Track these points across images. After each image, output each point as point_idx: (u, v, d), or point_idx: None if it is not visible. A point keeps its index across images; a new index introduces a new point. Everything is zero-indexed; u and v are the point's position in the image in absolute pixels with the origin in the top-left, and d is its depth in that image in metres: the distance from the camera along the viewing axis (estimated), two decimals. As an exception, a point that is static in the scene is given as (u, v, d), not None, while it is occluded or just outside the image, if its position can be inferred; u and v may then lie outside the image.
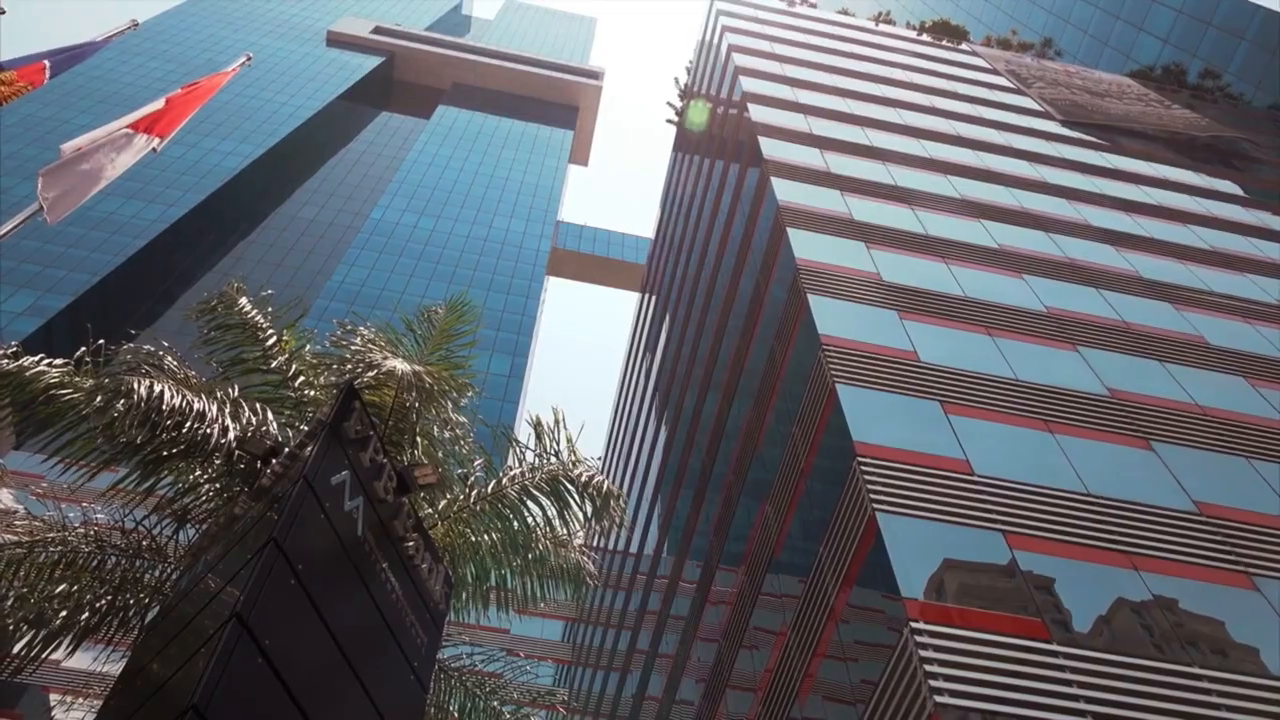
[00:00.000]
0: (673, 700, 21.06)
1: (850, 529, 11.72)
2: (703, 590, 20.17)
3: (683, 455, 27.10)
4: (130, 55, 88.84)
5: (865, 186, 22.19)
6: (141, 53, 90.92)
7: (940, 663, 9.15)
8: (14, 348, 10.06)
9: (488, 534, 11.42)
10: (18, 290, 56.71)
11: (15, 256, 57.60)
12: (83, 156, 10.40)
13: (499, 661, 12.46)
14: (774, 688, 13.52)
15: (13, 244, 55.27)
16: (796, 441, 14.95)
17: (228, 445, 9.21)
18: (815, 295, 16.16)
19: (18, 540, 9.96)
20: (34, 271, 58.60)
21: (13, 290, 56.40)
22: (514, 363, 60.25)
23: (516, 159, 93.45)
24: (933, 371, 14.42)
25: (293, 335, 11.77)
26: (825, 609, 12.23)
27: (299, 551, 5.47)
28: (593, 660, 36.33)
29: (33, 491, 13.05)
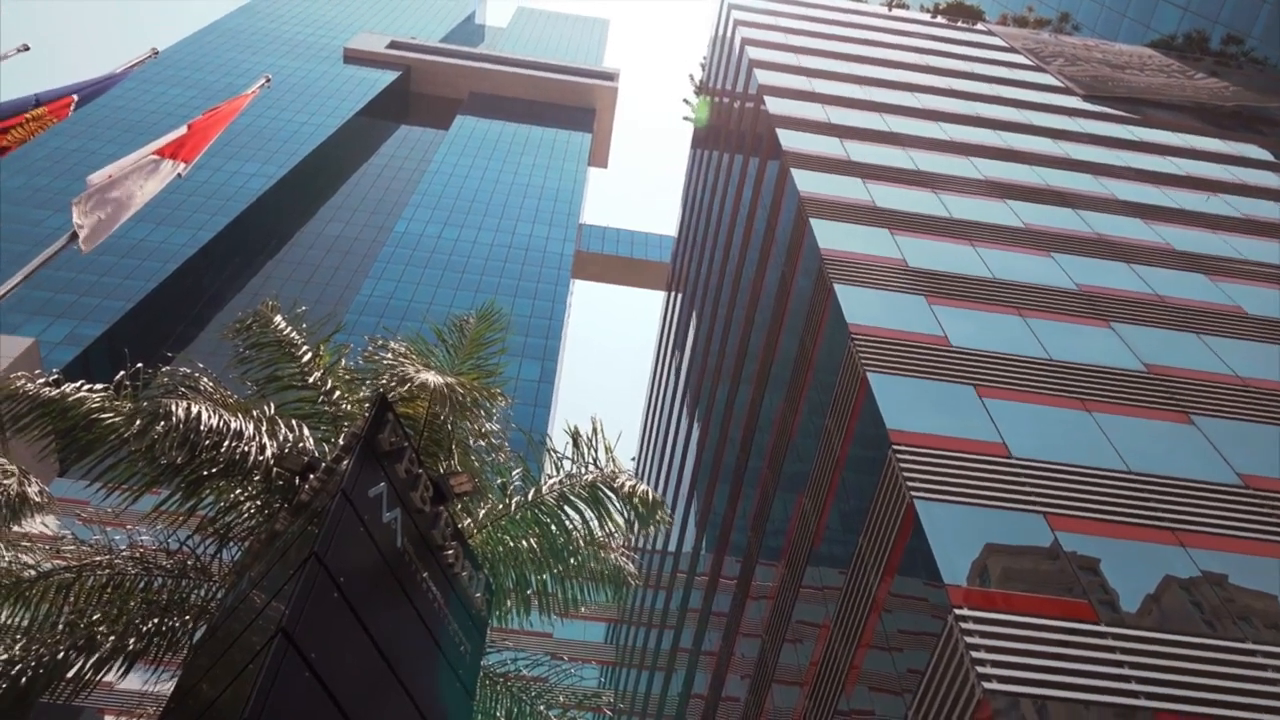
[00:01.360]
0: (718, 697, 21.02)
1: (889, 518, 11.64)
2: (743, 586, 20.12)
3: (717, 451, 27.04)
4: (152, 84, 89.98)
5: (887, 173, 22.03)
6: (162, 80, 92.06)
7: (986, 649, 9.06)
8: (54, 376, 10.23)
9: (527, 540, 11.46)
10: (55, 320, 57.60)
11: (51, 287, 58.52)
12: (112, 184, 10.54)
13: (543, 666, 12.50)
14: (820, 681, 13.46)
15: (48, 275, 56.18)
16: (830, 432, 14.87)
17: (266, 463, 9.31)
18: (842, 284, 16.06)
19: (66, 565, 10.13)
20: (70, 301, 59.51)
21: (50, 320, 57.29)
22: (544, 368, 60.39)
23: (536, 164, 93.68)
24: (964, 355, 14.28)
25: (327, 351, 11.88)
26: (867, 599, 12.15)
27: (340, 565, 5.50)
28: (637, 660, 36.35)
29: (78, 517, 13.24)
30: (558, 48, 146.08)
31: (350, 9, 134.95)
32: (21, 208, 66.94)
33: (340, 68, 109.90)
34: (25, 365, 41.27)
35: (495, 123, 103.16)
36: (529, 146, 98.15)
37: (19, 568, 10.58)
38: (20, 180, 69.30)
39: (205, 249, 69.66)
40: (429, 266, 70.34)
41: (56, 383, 10.17)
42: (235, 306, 68.33)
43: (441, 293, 66.21)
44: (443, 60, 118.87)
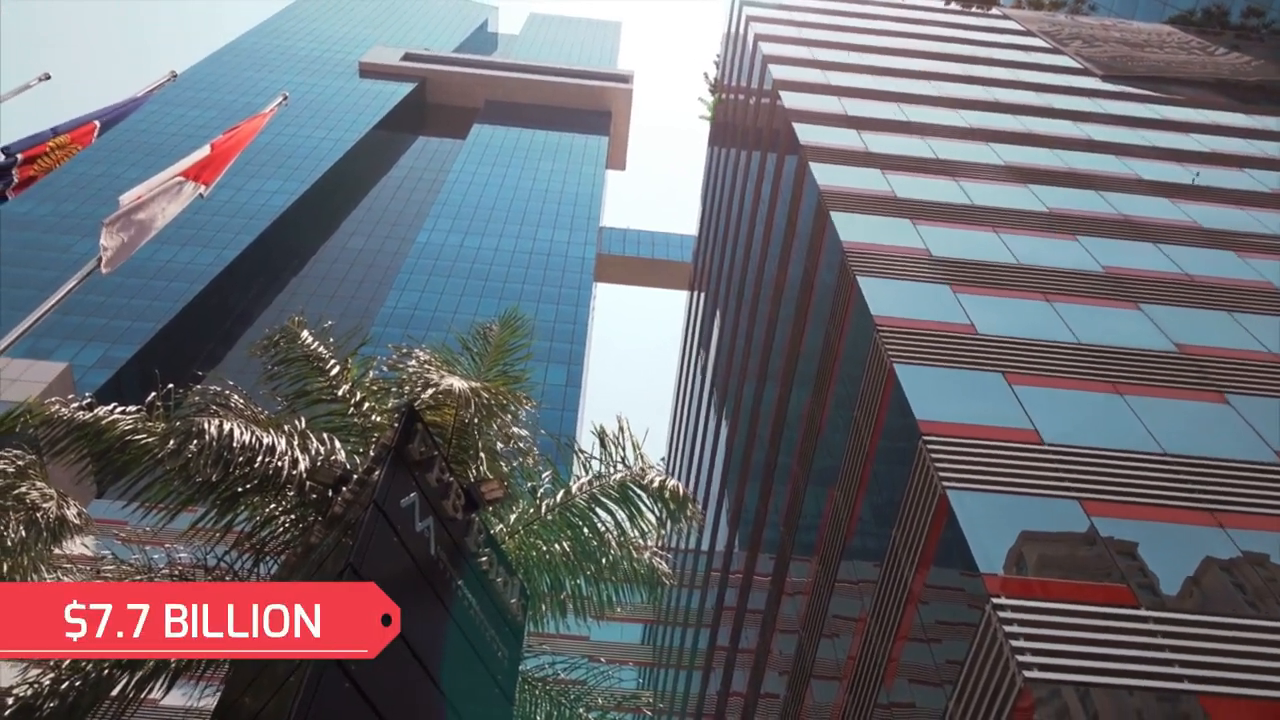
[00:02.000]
0: (757, 694, 20.97)
1: (922, 509, 11.57)
2: (778, 582, 20.06)
3: (745, 448, 26.99)
4: (172, 106, 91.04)
5: (906, 163, 21.90)
6: (182, 103, 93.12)
7: (1026, 637, 8.98)
8: (88, 399, 10.37)
9: (559, 544, 11.49)
10: (87, 344, 58.42)
11: (82, 312, 59.37)
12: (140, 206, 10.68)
13: (581, 668, 12.53)
14: (858, 674, 13.40)
15: (79, 300, 57.01)
16: (859, 425, 14.80)
17: (299, 477, 9.39)
18: (865, 277, 15.98)
19: (108, 585, 10.25)
20: (100, 324, 60.33)
21: (82, 344, 58.12)
22: (570, 372, 60.56)
23: (555, 170, 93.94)
24: (992, 343, 14.17)
25: (355, 363, 11.97)
26: (903, 592, 12.08)
27: (375, 575, 5.55)
28: (674, 660, 36.34)
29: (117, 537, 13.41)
30: (571, 52, 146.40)
31: (364, 24, 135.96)
32: (50, 234, 67.98)
33: (356, 82, 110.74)
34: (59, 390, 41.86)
35: (512, 130, 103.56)
36: (546, 152, 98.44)
37: (62, 589, 10.70)
38: (48, 207, 70.36)
39: (231, 268, 70.41)
40: (452, 276, 70.73)
41: (90, 406, 10.32)
42: (263, 323, 69.00)
43: (465, 301, 66.57)
44: (457, 70, 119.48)
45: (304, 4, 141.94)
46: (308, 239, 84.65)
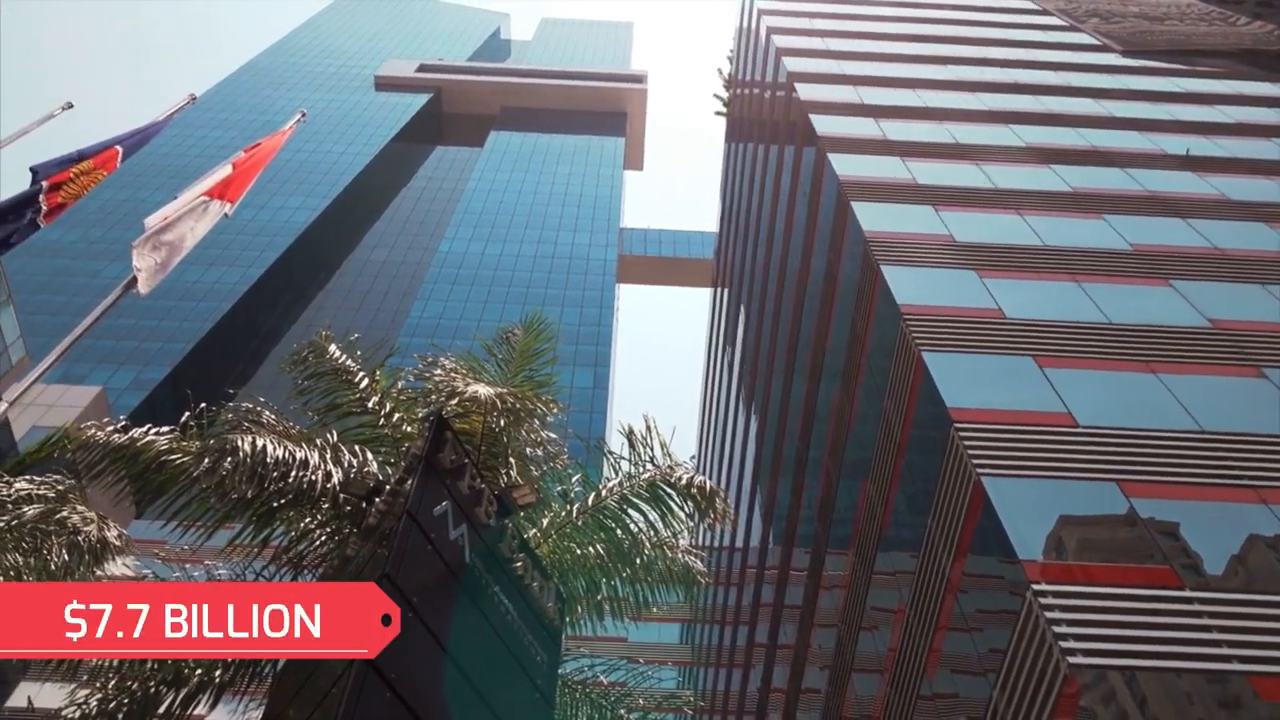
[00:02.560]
0: (798, 690, 20.89)
1: (957, 497, 11.47)
2: (814, 576, 19.98)
3: (776, 443, 26.89)
4: (193, 128, 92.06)
5: (925, 149, 21.74)
6: (203, 124, 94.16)
7: (1069, 623, 8.88)
8: (123, 422, 10.51)
9: (593, 546, 11.49)
10: (119, 367, 59.21)
11: (114, 336, 60.17)
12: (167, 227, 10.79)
13: (620, 670, 12.52)
14: (899, 666, 13.31)
15: (111, 324, 57.79)
16: (890, 415, 14.71)
17: (332, 489, 9.46)
18: (889, 265, 15.88)
19: (150, 604, 10.37)
20: (132, 347, 61.13)
21: (115, 367, 58.91)
22: (596, 374, 60.63)
23: (573, 173, 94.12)
24: (1021, 326, 14.03)
25: (383, 375, 12.04)
26: (942, 581, 11.99)
27: (412, 584, 5.58)
28: (713, 659, 36.28)
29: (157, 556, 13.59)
30: (584, 55, 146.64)
31: (378, 38, 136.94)
32: (79, 260, 69.00)
33: (372, 95, 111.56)
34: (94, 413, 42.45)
35: (529, 135, 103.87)
36: (564, 156, 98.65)
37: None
38: (76, 234, 71.37)
39: (257, 285, 71.14)
40: (475, 284, 71.04)
41: (125, 429, 10.45)
42: (291, 339, 69.64)
43: (490, 308, 66.83)
44: (472, 79, 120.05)
45: (318, 21, 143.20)
46: (332, 253, 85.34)
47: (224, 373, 65.11)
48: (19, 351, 36.47)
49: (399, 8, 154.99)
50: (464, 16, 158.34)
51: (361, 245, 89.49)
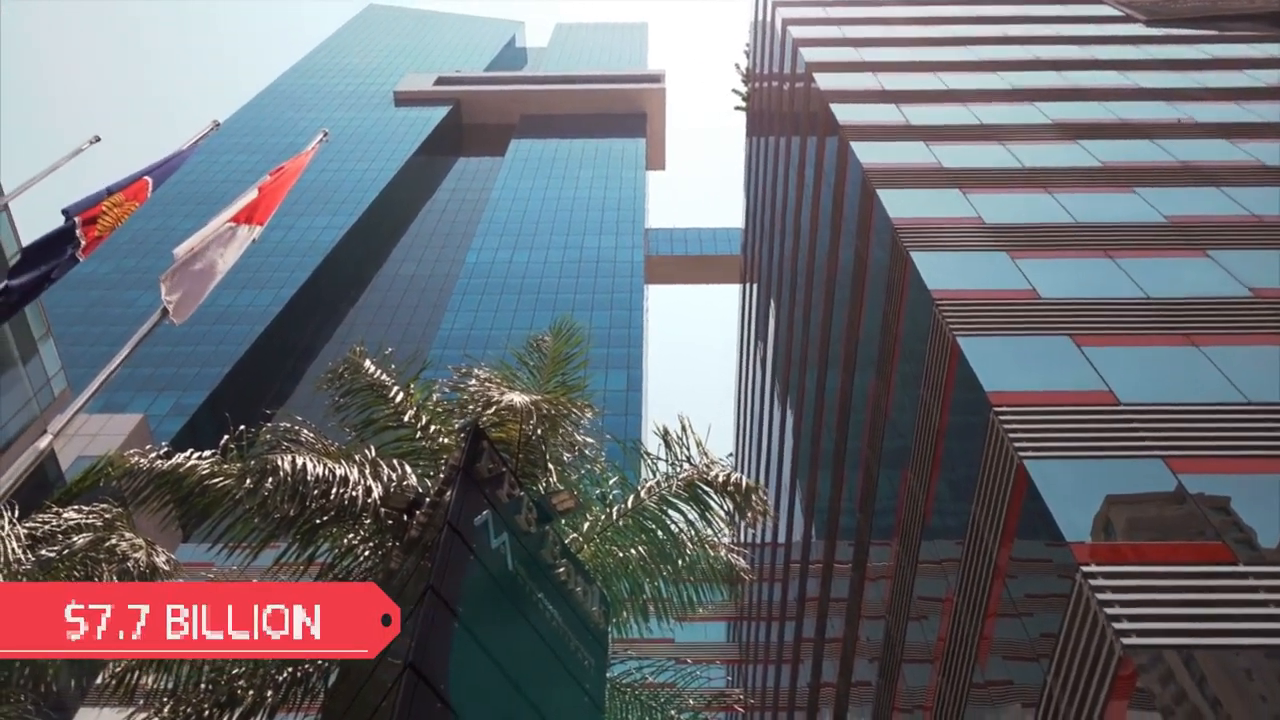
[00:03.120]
0: (849, 683, 20.77)
1: (1000, 482, 11.36)
2: (859, 568, 19.87)
3: (814, 437, 26.78)
4: (218, 154, 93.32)
5: (950, 132, 21.55)
6: (227, 150, 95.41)
7: (1121, 604, 8.76)
8: (165, 448, 10.68)
9: (634, 548, 11.51)
10: (159, 394, 60.13)
11: (152, 363, 61.12)
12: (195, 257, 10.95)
13: (669, 671, 12.52)
14: (950, 655, 13.20)
15: (148, 352, 58.70)
16: (927, 403, 14.60)
17: (373, 504, 9.56)
18: (918, 252, 15.76)
19: (201, 626, 10.52)
20: (171, 373, 62.07)
21: (155, 394, 59.84)
22: (629, 376, 60.68)
23: (595, 177, 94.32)
24: (1057, 306, 13.87)
25: (417, 388, 12.15)
26: (989, 567, 11.87)
27: (456, 595, 5.62)
28: (762, 656, 36.17)
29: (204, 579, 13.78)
30: (600, 58, 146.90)
31: (395, 53, 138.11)
32: (114, 291, 70.18)
33: (392, 111, 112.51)
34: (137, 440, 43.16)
35: (550, 141, 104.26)
36: (585, 160, 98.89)
37: (157, 634, 11.04)
38: (110, 265, 72.57)
39: (289, 305, 72.00)
40: (504, 293, 71.39)
41: (167, 454, 10.63)
42: (326, 357, 70.38)
43: (520, 316, 67.09)
44: (490, 89, 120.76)
45: (335, 40, 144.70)
46: (361, 270, 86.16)
47: (262, 393, 65.90)
48: (60, 383, 37.16)
49: (414, 23, 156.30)
50: (479, 27, 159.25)
51: (390, 260, 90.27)
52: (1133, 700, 8.45)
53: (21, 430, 34.20)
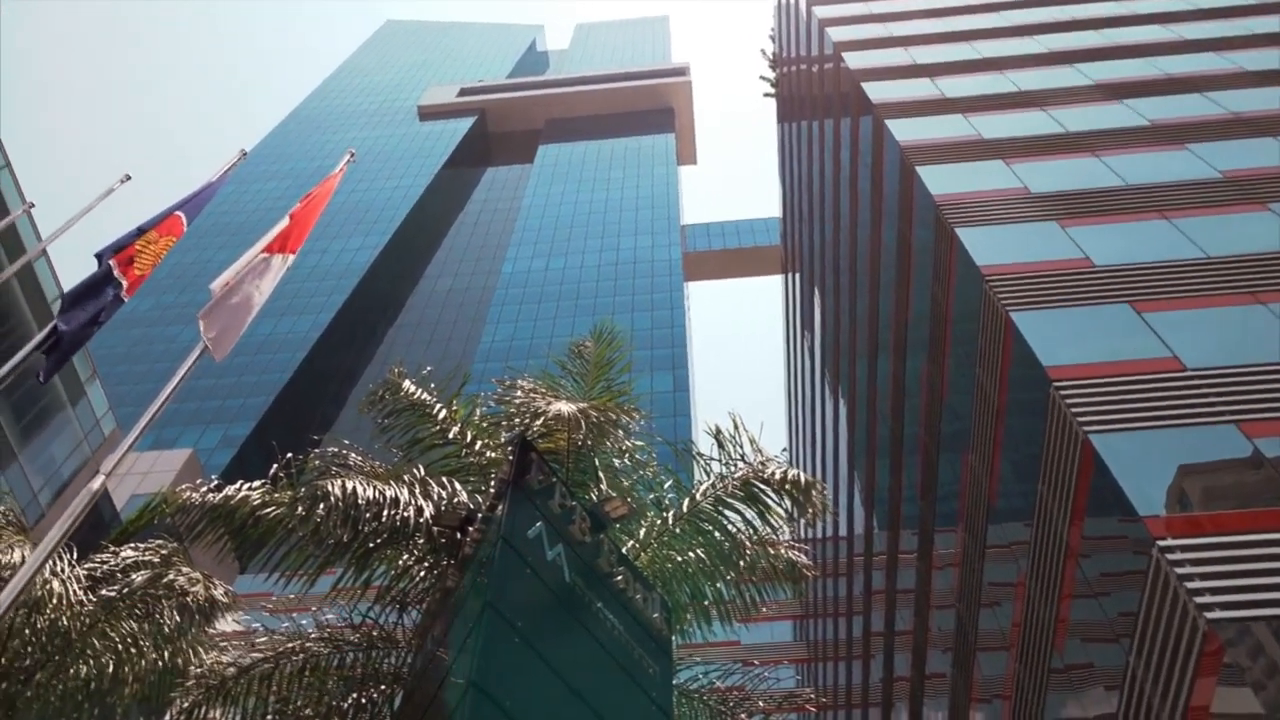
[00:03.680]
0: (923, 676, 20.58)
1: (1065, 459, 11.19)
2: (924, 557, 19.68)
3: (868, 425, 26.58)
4: (247, 183, 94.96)
5: (987, 102, 21.28)
6: (256, 178, 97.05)
7: (1201, 576, 8.58)
8: (215, 481, 10.91)
9: (692, 551, 11.51)
10: (207, 427, 61.31)
11: (197, 397, 62.38)
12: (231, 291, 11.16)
13: (736, 674, 12.50)
14: (1026, 641, 13.02)
15: (193, 386, 59.94)
16: (983, 383, 14.42)
17: (426, 524, 9.66)
18: (964, 227, 15.58)
19: (264, 656, 10.73)
20: (217, 406, 63.25)
21: (202, 428, 61.02)
22: (675, 376, 60.64)
23: (626, 176, 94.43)
24: (1112, 273, 13.63)
25: (460, 404, 12.26)
26: (1060, 548, 11.70)
27: (515, 609, 5.66)
28: (831, 653, 35.95)
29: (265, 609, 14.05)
30: (623, 55, 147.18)
31: (415, 68, 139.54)
32: (156, 328, 71.70)
33: (417, 126, 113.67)
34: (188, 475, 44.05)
35: (577, 144, 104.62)
36: (615, 160, 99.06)
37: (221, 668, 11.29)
38: (150, 302, 74.17)
39: (329, 330, 73.02)
40: (543, 301, 71.74)
41: (218, 487, 10.85)
42: (368, 378, 71.21)
43: (560, 324, 67.36)
44: (513, 95, 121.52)
45: (355, 60, 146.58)
46: (397, 289, 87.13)
47: (307, 420, 66.87)
48: (110, 424, 38.07)
49: (433, 36, 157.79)
50: (498, 34, 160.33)
51: (425, 277, 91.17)
52: (1221, 676, 8.27)
53: (75, 473, 35.09)
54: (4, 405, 31.25)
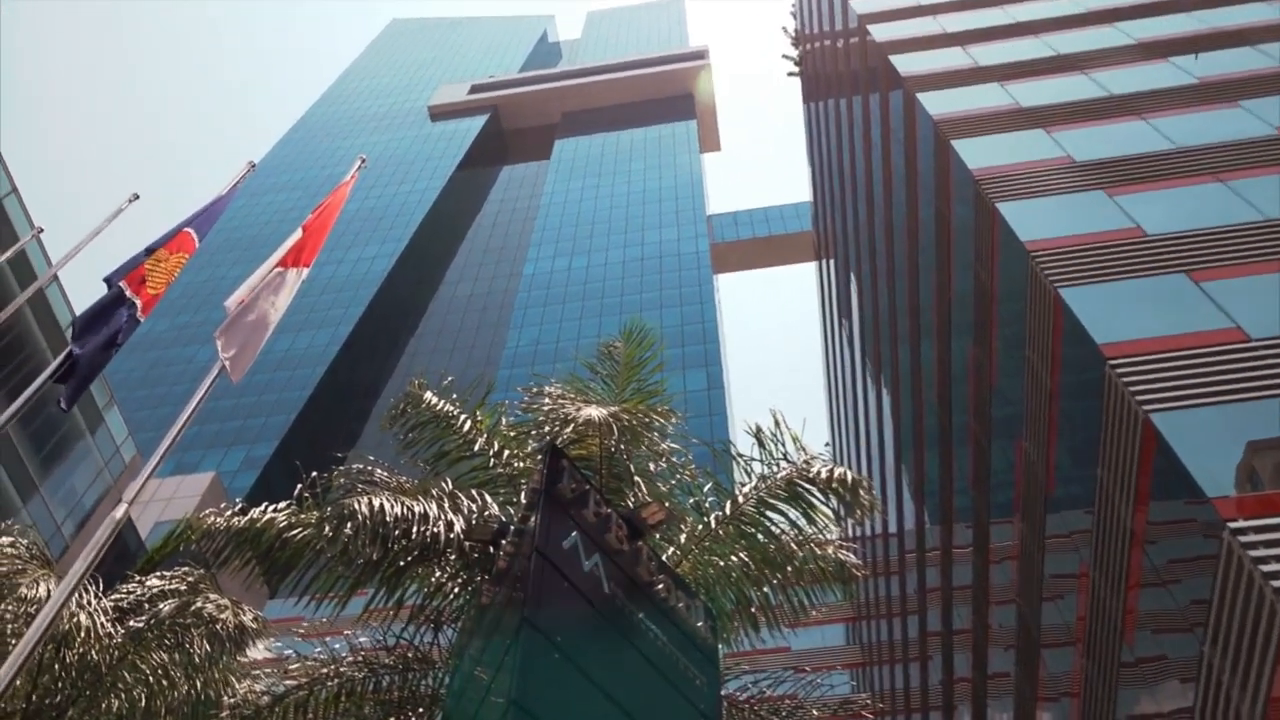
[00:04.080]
0: (985, 676, 20.42)
1: (1125, 441, 11.05)
2: (980, 551, 19.52)
3: (915, 415, 26.40)
4: (257, 196, 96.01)
5: (1024, 68, 21.07)
6: (266, 190, 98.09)
7: (1277, 559, 8.45)
8: (239, 505, 11.03)
9: (736, 555, 11.49)
10: (229, 449, 62.05)
11: (217, 419, 63.14)
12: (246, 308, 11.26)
13: (788, 682, 12.46)
14: (1093, 635, 12.88)
15: (213, 407, 60.69)
16: (1034, 365, 14.28)
17: (457, 539, 9.71)
18: (1005, 202, 15.44)
19: (297, 684, 10.85)
20: (238, 427, 63.99)
21: (224, 450, 61.75)
22: (709, 374, 60.55)
23: (648, 167, 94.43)
24: (1167, 242, 13.44)
25: (485, 414, 12.32)
26: (1124, 535, 11.56)
27: (553, 624, 5.67)
28: (886, 655, 35.76)
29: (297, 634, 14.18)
30: (638, 42, 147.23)
31: (424, 66, 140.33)
32: (172, 349, 72.66)
33: (429, 127, 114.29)
34: (211, 500, 44.61)
35: (595, 137, 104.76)
36: (635, 151, 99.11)
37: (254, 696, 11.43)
38: (165, 323, 75.18)
39: (348, 343, 73.61)
40: (567, 302, 71.88)
41: (243, 510, 10.98)
42: (391, 391, 71.77)
43: (586, 324, 67.47)
44: (526, 90, 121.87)
45: (362, 63, 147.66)
46: (416, 296, 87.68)
47: (330, 436, 67.42)
48: (130, 450, 38.63)
49: (441, 33, 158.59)
50: (508, 28, 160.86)
51: (445, 283, 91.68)
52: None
53: (97, 502, 35.64)
54: (23, 436, 31.80)
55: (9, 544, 14.29)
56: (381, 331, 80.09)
